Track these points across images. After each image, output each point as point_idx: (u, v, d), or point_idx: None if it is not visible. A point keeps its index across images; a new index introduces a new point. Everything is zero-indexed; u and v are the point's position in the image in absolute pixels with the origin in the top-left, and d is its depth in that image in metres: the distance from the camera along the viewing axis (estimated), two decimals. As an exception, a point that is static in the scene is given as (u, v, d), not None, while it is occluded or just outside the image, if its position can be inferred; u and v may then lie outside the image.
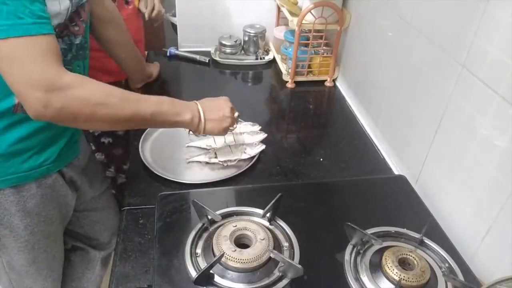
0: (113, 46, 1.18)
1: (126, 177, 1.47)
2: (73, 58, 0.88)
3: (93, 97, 0.75)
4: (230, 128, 0.98)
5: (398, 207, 0.92)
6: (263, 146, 1.12)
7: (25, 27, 0.67)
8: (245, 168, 1.06)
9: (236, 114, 1.00)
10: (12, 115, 0.83)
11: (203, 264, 0.73)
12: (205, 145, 1.12)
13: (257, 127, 1.19)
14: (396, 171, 1.11)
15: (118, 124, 0.85)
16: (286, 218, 0.83)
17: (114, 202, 1.29)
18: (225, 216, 0.83)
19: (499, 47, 0.73)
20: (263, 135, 1.16)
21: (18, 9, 0.66)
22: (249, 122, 1.20)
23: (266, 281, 0.71)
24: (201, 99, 0.95)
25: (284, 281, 0.72)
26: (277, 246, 0.77)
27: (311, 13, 1.35)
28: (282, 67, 1.57)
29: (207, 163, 1.08)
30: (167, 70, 1.55)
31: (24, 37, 0.67)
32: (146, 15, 1.42)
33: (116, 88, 0.79)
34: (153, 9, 1.43)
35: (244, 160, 1.09)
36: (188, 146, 1.13)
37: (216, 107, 0.94)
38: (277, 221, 0.83)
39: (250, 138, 1.14)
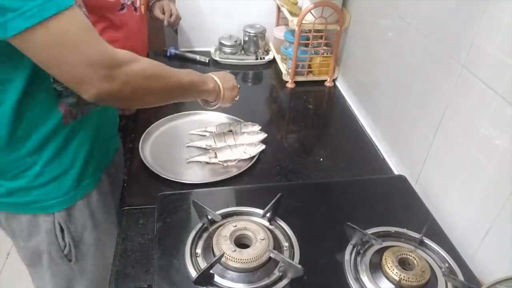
0: None
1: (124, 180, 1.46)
2: None
3: (147, 69, 0.73)
4: (236, 98, 1.05)
5: (398, 207, 0.92)
6: (263, 146, 1.12)
7: (55, 3, 0.59)
8: (245, 168, 1.06)
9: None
10: (64, 127, 0.79)
11: (203, 264, 0.73)
12: (205, 145, 1.12)
13: (257, 127, 1.19)
14: (396, 171, 1.11)
15: (166, 96, 0.84)
16: (286, 218, 0.84)
17: None
18: (225, 216, 0.83)
19: (499, 47, 0.73)
20: (263, 135, 1.16)
21: None
22: (249, 122, 1.20)
23: (266, 281, 0.71)
24: (207, 73, 0.99)
25: (284, 281, 0.71)
26: (277, 246, 0.77)
27: (311, 13, 1.35)
28: (282, 67, 1.57)
29: (207, 163, 1.08)
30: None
31: (59, 14, 0.59)
32: (165, 22, 1.42)
33: (156, 62, 0.79)
34: (171, 14, 1.44)
35: (244, 160, 1.09)
36: (188, 146, 1.13)
37: (226, 78, 1.00)
38: (277, 221, 0.83)
39: (250, 138, 1.14)
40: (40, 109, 0.75)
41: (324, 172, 1.09)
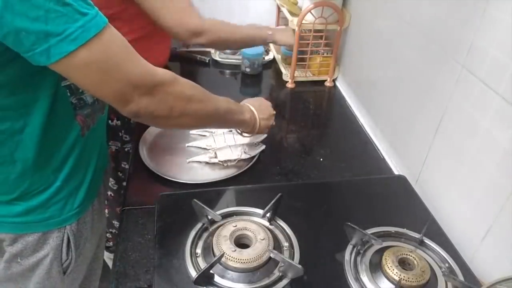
0: None
1: (119, 186, 1.46)
2: None
3: (186, 90, 0.74)
4: (272, 123, 1.06)
5: (398, 207, 0.92)
6: (263, 146, 1.12)
7: (94, 22, 0.58)
8: (245, 168, 1.06)
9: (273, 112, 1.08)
10: (81, 139, 0.79)
11: (203, 264, 0.73)
12: (205, 145, 1.12)
13: None
14: (396, 171, 1.11)
15: (202, 120, 0.84)
16: (286, 218, 0.84)
17: None
18: (225, 216, 0.83)
19: (499, 47, 0.73)
20: (263, 135, 1.15)
21: (78, 3, 0.56)
22: None
23: (266, 281, 0.71)
24: (244, 100, 1.01)
25: (284, 281, 0.72)
26: (277, 246, 0.77)
27: (311, 13, 1.35)
28: (282, 67, 1.57)
29: (207, 163, 1.07)
30: (167, 70, 1.54)
31: (100, 33, 0.58)
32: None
33: (195, 84, 0.79)
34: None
35: (244, 160, 1.09)
36: (188, 146, 1.13)
37: (262, 107, 1.01)
38: (277, 221, 0.83)
39: (250, 138, 1.14)
40: (62, 125, 0.74)
41: (324, 172, 1.09)
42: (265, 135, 1.15)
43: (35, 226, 0.78)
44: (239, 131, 1.05)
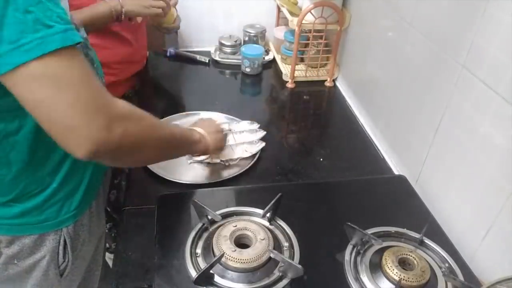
0: None
1: (118, 192, 1.46)
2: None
3: (145, 120, 0.68)
4: (226, 140, 1.03)
5: (398, 207, 0.92)
6: (263, 144, 1.12)
7: (59, 37, 0.52)
8: (245, 168, 1.06)
9: (225, 126, 1.07)
10: None
11: (203, 264, 0.73)
12: (205, 145, 1.12)
13: (255, 125, 1.19)
14: (396, 171, 1.11)
15: (162, 150, 0.78)
16: (286, 218, 0.84)
17: None
18: (225, 216, 0.83)
19: (499, 47, 0.73)
20: (262, 133, 1.16)
21: (45, 14, 0.52)
22: (247, 121, 1.20)
23: (266, 281, 0.71)
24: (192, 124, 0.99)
25: (284, 281, 0.72)
26: (277, 246, 0.77)
27: (311, 13, 1.35)
28: (282, 67, 1.57)
29: (208, 163, 1.08)
30: (167, 70, 1.55)
31: (62, 50, 0.53)
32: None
33: (147, 113, 0.73)
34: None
35: (245, 159, 1.09)
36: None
37: (206, 123, 0.98)
38: (277, 221, 0.83)
39: (249, 137, 1.14)
40: None
41: (324, 172, 1.09)
42: (264, 132, 1.15)
43: (31, 228, 0.78)
44: (191, 157, 1.03)
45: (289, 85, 1.50)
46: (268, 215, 0.83)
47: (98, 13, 1.11)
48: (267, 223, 0.82)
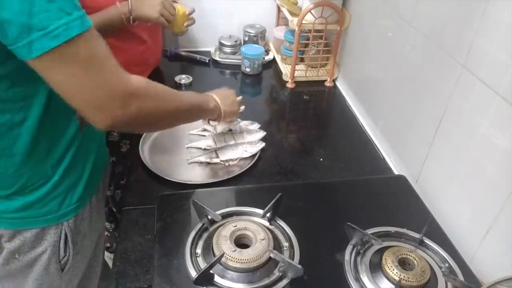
0: None
1: (122, 193, 1.46)
2: None
3: (160, 94, 0.74)
4: (240, 111, 1.11)
5: (398, 207, 0.92)
6: (263, 144, 1.12)
7: (79, 22, 0.57)
8: (245, 168, 1.06)
9: (239, 98, 1.11)
10: (79, 134, 0.79)
11: (203, 264, 0.73)
12: (205, 146, 1.12)
13: (256, 125, 1.19)
14: (396, 171, 1.11)
15: (175, 119, 0.86)
16: (286, 218, 0.84)
17: None
18: (225, 216, 0.83)
19: (499, 47, 0.73)
20: (262, 133, 1.16)
21: (65, 2, 0.56)
22: (248, 121, 1.20)
23: (266, 281, 0.71)
24: (209, 91, 1.04)
25: (284, 281, 0.72)
26: (277, 246, 0.77)
27: (311, 13, 1.35)
28: (282, 67, 1.57)
29: (208, 163, 1.08)
30: (167, 70, 1.55)
31: (83, 34, 0.58)
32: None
33: (164, 86, 0.78)
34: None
35: (245, 159, 1.09)
36: (188, 147, 1.13)
37: (226, 94, 1.06)
38: (277, 221, 0.83)
39: (249, 137, 1.14)
40: (60, 119, 0.74)
41: (324, 172, 1.09)
42: (264, 133, 1.15)
43: (33, 222, 0.78)
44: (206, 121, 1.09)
45: (289, 85, 1.50)
46: (268, 215, 0.83)
47: (109, 18, 1.12)
48: (267, 223, 0.82)
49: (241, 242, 0.77)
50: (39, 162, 0.74)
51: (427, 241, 0.80)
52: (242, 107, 1.12)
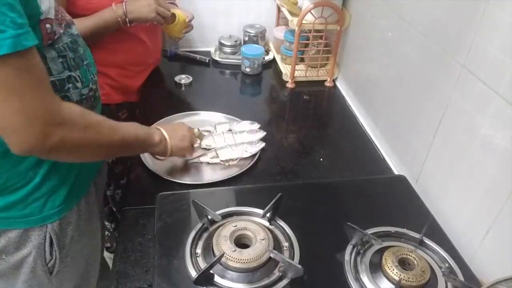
0: None
1: (123, 192, 1.45)
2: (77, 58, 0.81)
3: (93, 126, 0.71)
4: (196, 144, 1.05)
5: (398, 207, 0.92)
6: (263, 144, 1.12)
7: (10, 42, 0.55)
8: (245, 168, 1.06)
9: (196, 130, 1.05)
10: None
11: (203, 264, 0.73)
12: (205, 145, 1.12)
13: (256, 125, 1.19)
14: (396, 171, 1.11)
15: (116, 151, 0.84)
16: (286, 218, 0.84)
17: None
18: (225, 216, 0.83)
19: (499, 47, 0.73)
20: (262, 133, 1.16)
21: (1, 19, 0.54)
22: (248, 121, 1.20)
23: (266, 281, 0.71)
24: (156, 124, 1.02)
25: (284, 281, 0.72)
26: (277, 246, 0.77)
27: (311, 13, 1.35)
28: (282, 67, 1.57)
29: (208, 163, 1.08)
30: (167, 70, 1.55)
31: (12, 55, 0.55)
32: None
33: (101, 116, 0.77)
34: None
35: (245, 159, 1.09)
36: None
37: (174, 128, 0.99)
38: (277, 221, 0.83)
39: (249, 137, 1.14)
40: None
41: (324, 172, 1.09)
42: (264, 133, 1.15)
43: (16, 222, 0.78)
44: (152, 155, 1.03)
45: (289, 85, 1.50)
46: (268, 215, 0.83)
47: (104, 21, 1.12)
48: (267, 223, 0.82)
49: (241, 242, 0.77)
50: (16, 164, 0.74)
51: (427, 241, 0.80)
52: (198, 141, 1.07)
